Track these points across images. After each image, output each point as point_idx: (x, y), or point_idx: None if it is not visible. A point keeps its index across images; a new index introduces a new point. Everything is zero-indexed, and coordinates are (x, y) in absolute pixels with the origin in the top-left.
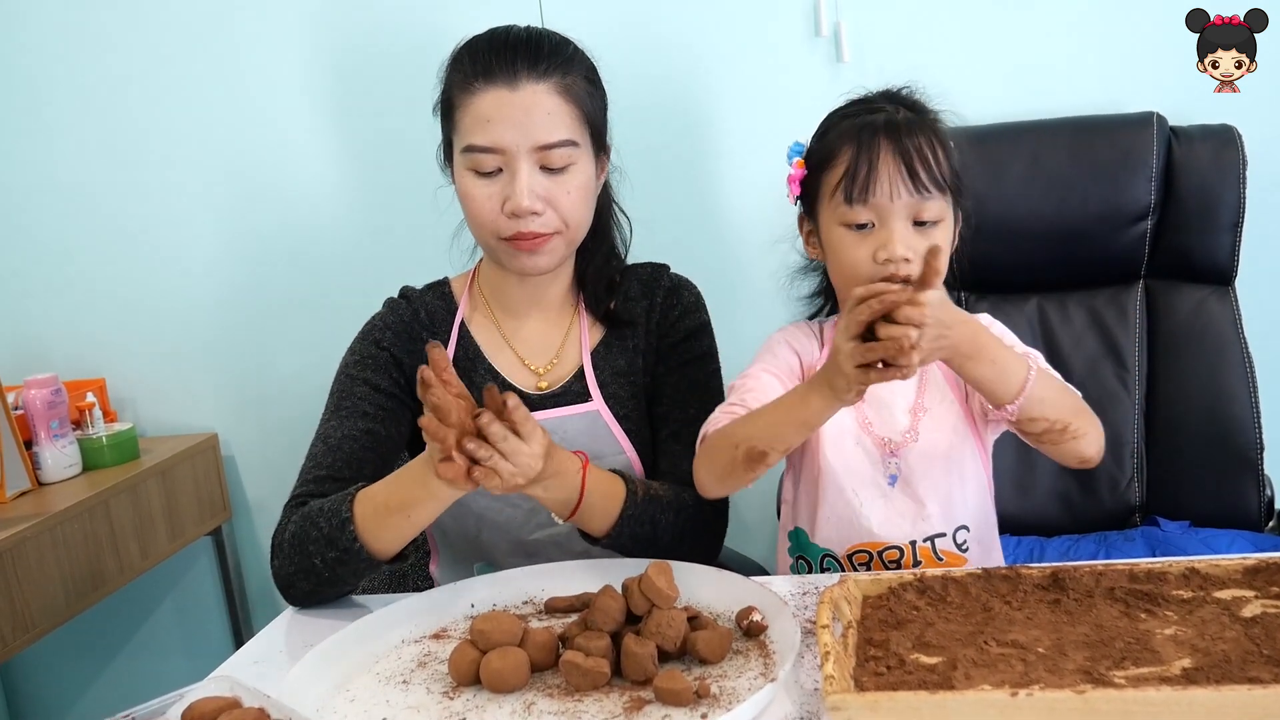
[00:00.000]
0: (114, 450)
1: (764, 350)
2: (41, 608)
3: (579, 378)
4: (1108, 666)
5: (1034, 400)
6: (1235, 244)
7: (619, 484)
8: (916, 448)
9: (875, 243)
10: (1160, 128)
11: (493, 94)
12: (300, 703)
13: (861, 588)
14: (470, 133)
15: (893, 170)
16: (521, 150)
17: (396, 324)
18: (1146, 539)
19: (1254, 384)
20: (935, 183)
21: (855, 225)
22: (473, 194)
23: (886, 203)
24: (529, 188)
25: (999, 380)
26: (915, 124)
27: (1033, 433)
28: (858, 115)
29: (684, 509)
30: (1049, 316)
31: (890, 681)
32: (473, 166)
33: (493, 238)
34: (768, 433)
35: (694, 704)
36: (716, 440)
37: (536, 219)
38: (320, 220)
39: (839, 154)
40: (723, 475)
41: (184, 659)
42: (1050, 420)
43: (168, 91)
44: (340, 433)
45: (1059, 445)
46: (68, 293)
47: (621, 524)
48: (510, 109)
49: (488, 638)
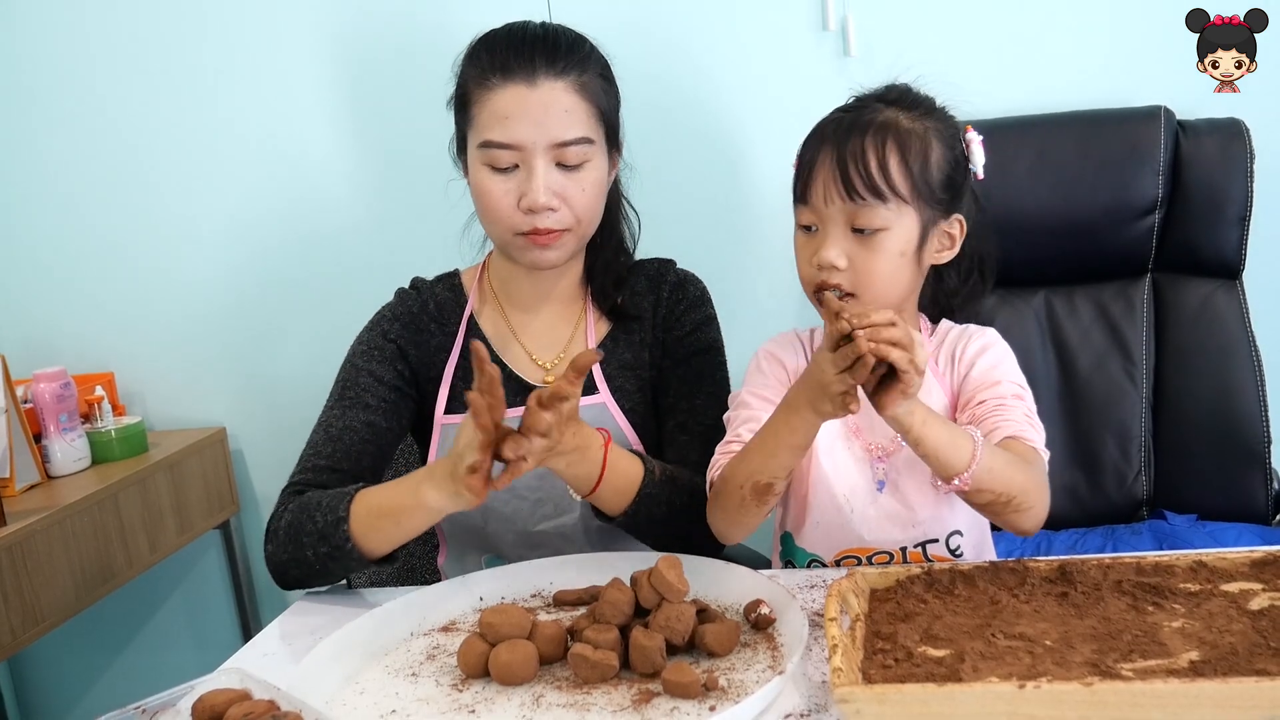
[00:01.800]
0: (123, 444)
1: (752, 369)
2: (51, 601)
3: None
4: (1115, 659)
5: (982, 472)
6: (1242, 238)
7: (637, 463)
8: (905, 453)
9: (814, 246)
10: (1167, 121)
11: (511, 91)
12: (310, 695)
13: (869, 581)
14: (487, 128)
15: (827, 176)
16: (539, 147)
17: (405, 315)
18: (1153, 532)
19: (1261, 378)
20: (873, 191)
21: (803, 227)
22: (488, 189)
23: (822, 206)
24: (545, 185)
25: (950, 448)
26: (876, 128)
27: (978, 503)
28: (833, 115)
29: (697, 494)
30: (1056, 310)
31: (898, 674)
32: (489, 162)
33: (507, 233)
34: (767, 465)
35: (702, 696)
36: (721, 487)
37: (551, 215)
38: (330, 214)
39: (801, 154)
40: (737, 516)
41: (192, 652)
42: (996, 492)
43: (178, 84)
44: (341, 423)
45: (1000, 516)
46: (77, 287)
47: (638, 503)
48: (528, 106)
49: (496, 630)
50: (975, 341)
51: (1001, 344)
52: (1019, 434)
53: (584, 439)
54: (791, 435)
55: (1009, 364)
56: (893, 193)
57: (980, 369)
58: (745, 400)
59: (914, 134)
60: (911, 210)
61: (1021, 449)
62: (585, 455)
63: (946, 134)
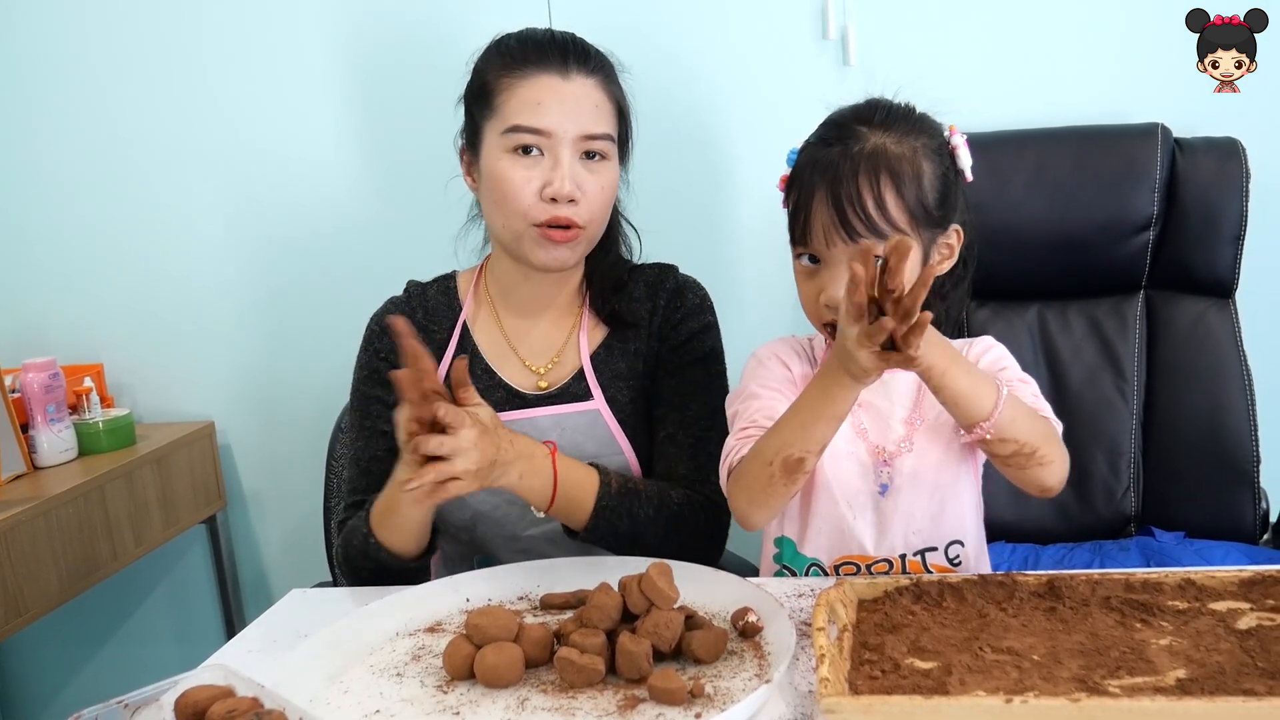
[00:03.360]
0: (110, 436)
1: (754, 367)
2: (34, 592)
3: (579, 378)
4: (1102, 675)
5: (1005, 421)
6: (1236, 257)
7: (592, 474)
8: (910, 458)
9: (819, 284)
10: (1164, 139)
11: (545, 79)
12: (294, 693)
13: (857, 591)
14: (517, 114)
15: (826, 221)
16: (568, 137)
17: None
18: (1141, 549)
19: (1252, 397)
20: (872, 230)
21: (806, 257)
22: (510, 176)
23: (824, 249)
24: (571, 174)
25: (973, 395)
26: (866, 160)
27: (1001, 454)
28: (817, 145)
29: (666, 505)
30: (1049, 324)
31: (885, 685)
32: (516, 145)
33: (523, 222)
34: (800, 436)
35: (688, 704)
36: (745, 465)
37: (571, 206)
38: (321, 209)
39: (791, 189)
40: (763, 495)
41: (176, 646)
42: (1020, 443)
43: (172, 77)
44: (368, 454)
45: (1024, 470)
46: (68, 277)
47: (598, 515)
48: (562, 95)
49: (483, 632)
50: (978, 345)
51: (1002, 347)
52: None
53: (524, 447)
54: (828, 404)
55: (1013, 362)
56: (893, 228)
57: (984, 364)
58: (755, 392)
59: (904, 159)
60: (913, 237)
61: (1031, 406)
62: (533, 465)
63: (933, 147)
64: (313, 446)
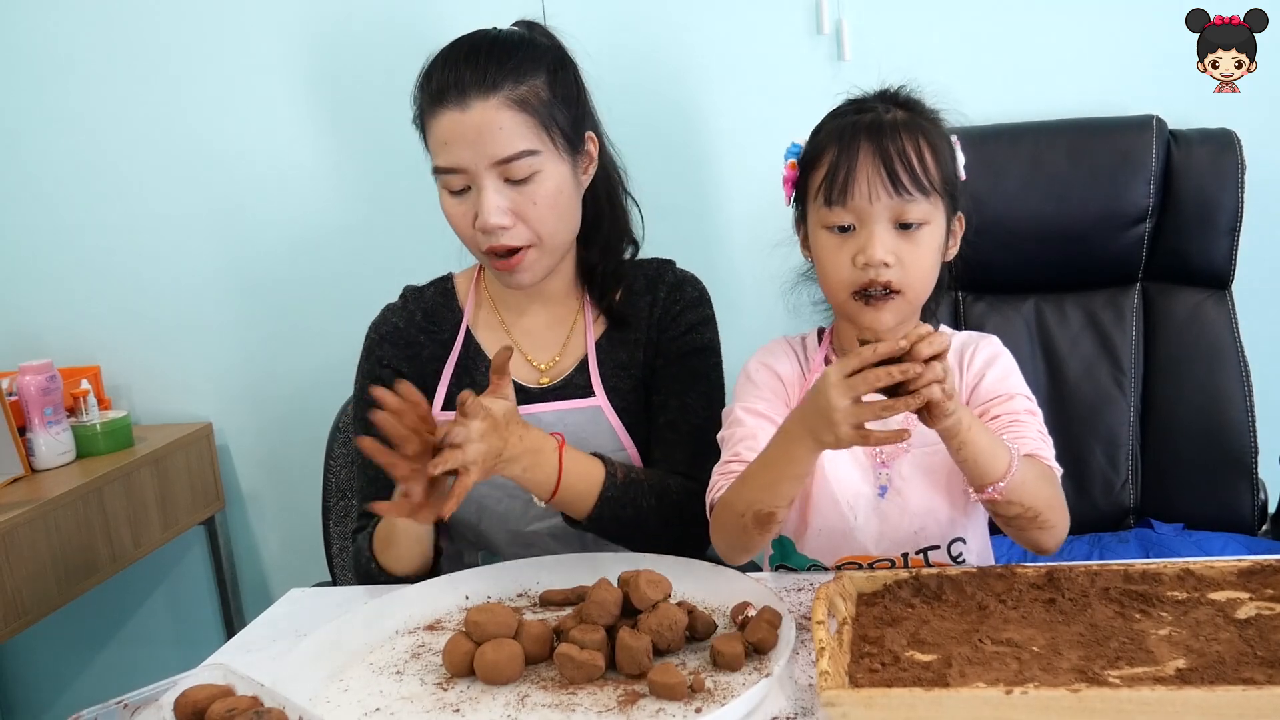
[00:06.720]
0: (108, 438)
1: (743, 381)
2: (33, 594)
3: (581, 371)
4: (1102, 666)
5: (1016, 484)
6: (1233, 248)
7: (598, 465)
8: (908, 458)
9: (855, 246)
10: (1160, 131)
11: (446, 116)
12: (294, 692)
13: (856, 585)
14: (436, 155)
15: (871, 172)
16: (481, 168)
17: (391, 334)
18: (1140, 540)
19: (1249, 388)
20: (917, 185)
21: (837, 228)
22: (449, 212)
23: (866, 205)
24: (494, 205)
25: (990, 455)
26: (903, 125)
27: (1005, 515)
28: (845, 115)
29: (667, 495)
30: (1046, 317)
31: (885, 678)
32: (444, 186)
33: (475, 251)
34: (767, 494)
35: (688, 698)
36: (721, 513)
37: (506, 233)
38: (316, 210)
39: (823, 155)
40: (740, 543)
41: (175, 648)
42: (1025, 506)
43: (166, 80)
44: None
45: (1024, 531)
46: (64, 280)
47: (602, 505)
48: (463, 129)
49: (482, 629)
50: (983, 351)
51: (1007, 354)
52: (1036, 452)
53: (533, 442)
54: (791, 465)
55: (1017, 376)
56: (932, 186)
57: (991, 380)
58: (739, 418)
59: (935, 130)
60: (942, 205)
61: (1041, 467)
62: (539, 459)
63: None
64: (311, 446)
